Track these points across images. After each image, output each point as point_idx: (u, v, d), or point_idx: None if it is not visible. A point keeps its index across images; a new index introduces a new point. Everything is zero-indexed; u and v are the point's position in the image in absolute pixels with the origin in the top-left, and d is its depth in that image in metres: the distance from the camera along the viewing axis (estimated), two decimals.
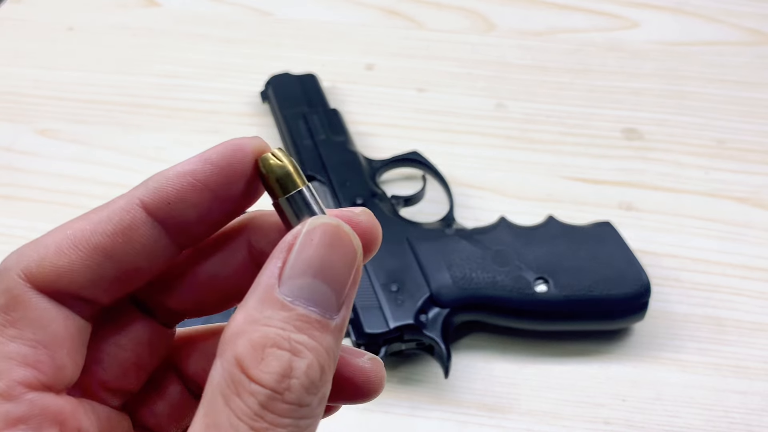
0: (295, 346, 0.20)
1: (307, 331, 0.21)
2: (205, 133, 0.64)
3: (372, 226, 0.24)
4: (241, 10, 0.78)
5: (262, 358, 0.20)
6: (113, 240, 0.22)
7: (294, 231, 0.22)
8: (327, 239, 0.22)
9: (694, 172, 0.61)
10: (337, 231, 0.22)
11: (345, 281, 0.22)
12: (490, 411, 0.46)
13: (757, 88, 0.68)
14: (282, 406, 0.20)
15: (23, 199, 0.59)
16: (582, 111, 0.66)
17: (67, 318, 0.22)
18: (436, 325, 0.46)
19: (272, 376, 0.20)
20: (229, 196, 0.23)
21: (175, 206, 0.23)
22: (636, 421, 0.46)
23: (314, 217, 0.22)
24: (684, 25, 0.75)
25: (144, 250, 0.23)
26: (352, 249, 0.22)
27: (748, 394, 0.47)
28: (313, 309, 0.21)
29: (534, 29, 0.75)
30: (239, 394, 0.20)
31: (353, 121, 0.65)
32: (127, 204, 0.23)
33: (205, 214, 0.24)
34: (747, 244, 0.55)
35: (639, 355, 0.49)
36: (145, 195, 0.23)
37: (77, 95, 0.68)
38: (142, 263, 0.23)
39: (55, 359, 0.22)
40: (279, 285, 0.21)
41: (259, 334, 0.20)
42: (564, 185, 0.60)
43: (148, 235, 0.23)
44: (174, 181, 0.23)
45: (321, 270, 0.21)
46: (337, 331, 0.22)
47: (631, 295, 0.47)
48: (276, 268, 0.21)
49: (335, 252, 0.22)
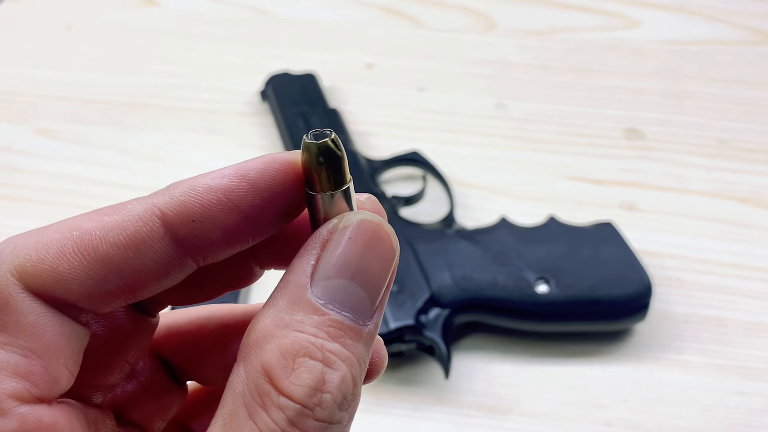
0: (328, 356, 0.18)
1: (340, 339, 0.19)
2: (205, 133, 0.64)
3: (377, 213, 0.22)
4: (241, 10, 0.78)
5: (293, 369, 0.18)
6: (124, 253, 0.20)
7: (329, 225, 0.20)
8: (366, 238, 0.20)
9: (696, 172, 0.60)
10: (377, 229, 0.20)
11: (381, 284, 0.20)
12: (491, 412, 0.46)
13: (759, 88, 0.68)
14: (312, 423, 0.18)
15: (21, 199, 0.59)
16: (583, 111, 0.66)
17: (63, 325, 0.20)
18: (436, 326, 0.46)
19: (303, 389, 0.18)
20: (261, 219, 0.21)
21: (199, 225, 0.20)
22: (637, 422, 0.46)
23: (352, 212, 0.20)
24: (686, 25, 0.75)
25: (155, 267, 0.20)
26: (392, 249, 0.20)
27: (750, 394, 0.47)
28: (347, 314, 0.19)
29: (535, 28, 0.75)
30: (266, 407, 0.18)
31: (353, 121, 0.64)
32: (145, 214, 0.20)
33: (231, 235, 0.21)
34: (749, 245, 0.55)
35: (640, 355, 0.49)
36: (166, 206, 0.20)
37: (76, 95, 0.68)
38: (150, 280, 0.21)
39: (49, 370, 0.20)
40: (311, 285, 0.19)
41: (289, 340, 0.18)
42: (565, 185, 0.60)
43: (162, 251, 0.20)
44: (202, 196, 0.20)
45: (358, 271, 0.19)
46: (369, 339, 0.20)
47: (632, 296, 0.47)
48: (308, 266, 0.19)
49: (374, 252, 0.20)
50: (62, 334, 0.20)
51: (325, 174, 0.20)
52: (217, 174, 0.20)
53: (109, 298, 0.20)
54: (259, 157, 0.21)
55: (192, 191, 0.20)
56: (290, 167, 0.21)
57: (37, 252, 0.20)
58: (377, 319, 0.20)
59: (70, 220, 0.20)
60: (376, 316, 0.20)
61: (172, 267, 0.21)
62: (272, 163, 0.20)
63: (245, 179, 0.20)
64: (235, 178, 0.20)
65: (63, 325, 0.20)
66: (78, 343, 0.21)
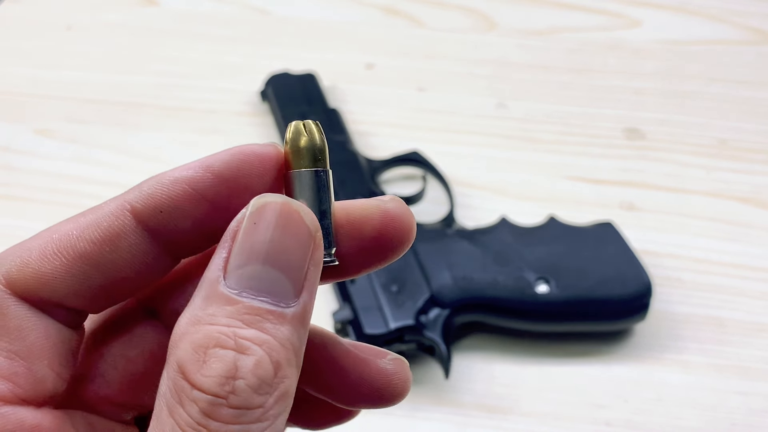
0: (241, 343, 0.18)
1: (257, 324, 0.19)
2: (204, 133, 0.64)
3: (401, 214, 0.22)
4: (240, 9, 0.77)
5: (204, 361, 0.18)
6: (100, 248, 0.21)
7: (238, 217, 0.20)
8: (273, 219, 0.19)
9: (696, 171, 0.60)
10: (283, 208, 0.20)
11: (300, 264, 0.20)
12: (491, 412, 0.46)
13: (759, 88, 0.68)
14: (226, 411, 0.18)
15: (21, 198, 0.59)
16: (583, 110, 0.66)
17: (48, 327, 0.21)
18: (436, 326, 0.46)
19: (213, 379, 0.18)
20: (230, 208, 0.21)
21: (167, 215, 0.21)
22: (637, 422, 0.46)
23: (257, 196, 0.20)
24: (686, 24, 0.75)
25: (133, 260, 0.21)
26: (304, 226, 0.20)
27: (750, 394, 0.47)
28: (264, 299, 0.19)
29: (535, 28, 0.75)
30: (182, 402, 0.18)
31: (353, 121, 0.64)
32: (117, 209, 0.21)
33: (202, 225, 0.21)
34: (749, 244, 0.55)
35: (640, 355, 0.49)
36: (136, 200, 0.21)
37: (75, 94, 0.68)
38: (130, 273, 0.21)
39: (33, 371, 0.20)
40: (224, 278, 0.19)
41: (200, 334, 0.19)
42: (565, 185, 0.60)
43: (137, 244, 0.21)
44: (168, 188, 0.21)
45: (270, 254, 0.19)
46: (296, 320, 0.19)
47: (632, 296, 0.47)
48: (221, 260, 0.19)
49: (285, 232, 0.19)
50: (47, 336, 0.21)
51: (299, 153, 0.21)
52: (183, 167, 0.21)
53: (95, 295, 0.21)
54: (227, 149, 0.21)
55: (159, 184, 0.21)
56: (257, 158, 0.21)
57: (21, 257, 0.21)
58: (305, 299, 0.20)
59: (52, 227, 0.21)
60: (303, 296, 0.20)
61: (149, 260, 0.21)
62: (238, 154, 0.21)
63: (210, 170, 0.21)
64: (200, 170, 0.21)
65: (48, 327, 0.21)
66: (65, 345, 0.21)
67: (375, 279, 0.47)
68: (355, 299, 0.46)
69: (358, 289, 0.47)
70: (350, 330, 0.46)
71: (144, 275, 0.22)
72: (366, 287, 0.47)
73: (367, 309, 0.46)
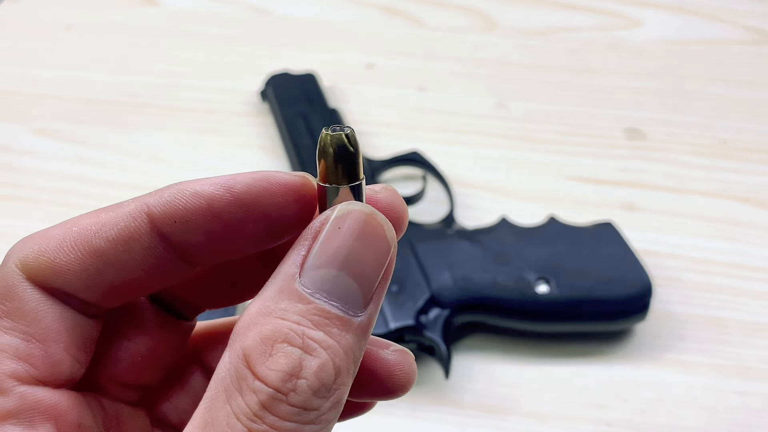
0: (309, 343, 0.19)
1: (325, 328, 0.19)
2: (204, 133, 0.64)
3: (393, 203, 0.22)
4: (240, 10, 0.78)
5: (270, 354, 0.18)
6: (114, 246, 0.21)
7: (322, 217, 0.20)
8: (357, 228, 0.20)
9: (696, 171, 0.60)
10: (369, 220, 0.20)
11: (374, 276, 0.20)
12: (491, 412, 0.46)
13: (759, 88, 0.68)
14: (285, 408, 0.18)
15: (21, 198, 0.59)
16: (583, 110, 0.66)
17: (63, 313, 0.21)
18: (436, 326, 0.46)
19: (278, 374, 0.18)
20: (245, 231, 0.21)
21: (181, 226, 0.21)
22: (638, 422, 0.46)
23: (345, 203, 0.20)
24: (686, 24, 0.75)
25: (146, 262, 0.21)
26: (385, 241, 0.20)
27: (750, 394, 0.47)
28: (335, 304, 0.19)
29: (535, 28, 0.75)
30: (241, 391, 0.18)
31: (353, 121, 0.64)
32: (135, 210, 0.21)
33: (215, 240, 0.21)
34: (749, 245, 0.55)
35: (641, 355, 0.49)
36: (154, 205, 0.21)
37: (75, 94, 0.68)
38: (142, 274, 0.22)
39: (50, 354, 0.21)
40: (300, 275, 0.19)
41: (270, 327, 0.19)
42: (565, 185, 0.60)
43: (151, 247, 0.21)
44: (187, 200, 0.21)
45: (348, 262, 0.20)
46: (361, 330, 0.20)
47: (632, 296, 0.47)
48: (299, 257, 0.20)
49: (365, 243, 0.20)
50: (62, 321, 0.21)
51: (335, 166, 0.20)
52: (206, 181, 0.21)
53: (107, 291, 0.22)
54: (251, 172, 0.21)
55: (179, 194, 0.21)
56: (280, 188, 0.21)
57: (39, 245, 0.21)
58: (371, 311, 0.20)
59: (74, 218, 0.22)
60: (370, 308, 0.20)
61: (162, 264, 0.22)
62: (261, 180, 0.21)
63: (230, 191, 0.21)
64: (221, 188, 0.21)
65: (63, 313, 0.21)
66: (81, 332, 0.22)
67: None
68: None
69: None
70: None
71: (156, 277, 0.22)
72: None
73: None
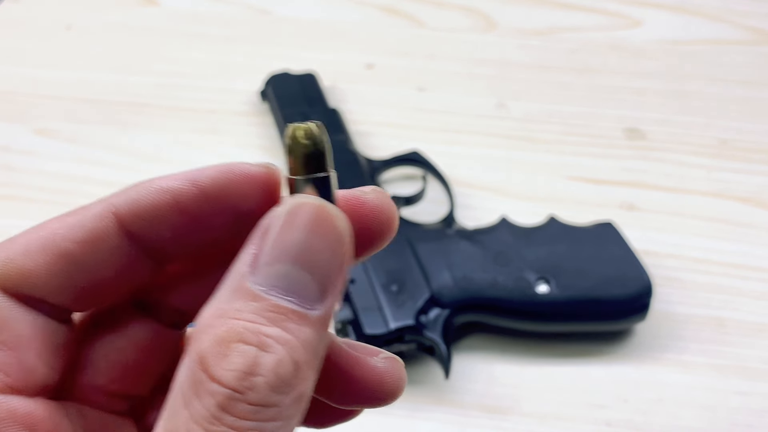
0: (264, 340, 0.18)
1: (281, 323, 0.19)
2: (205, 133, 0.64)
3: (380, 205, 0.22)
4: (240, 9, 0.78)
5: (226, 355, 0.18)
6: (82, 248, 0.21)
7: (271, 213, 0.20)
8: (308, 221, 0.19)
9: (697, 172, 0.60)
10: (320, 212, 0.20)
11: (330, 268, 0.20)
12: (491, 412, 0.46)
13: (759, 88, 0.68)
14: (243, 407, 0.18)
15: (21, 198, 0.59)
16: (583, 110, 0.66)
17: (34, 319, 0.21)
18: (436, 326, 0.46)
19: (234, 373, 0.18)
20: (213, 224, 0.21)
21: (148, 223, 0.21)
22: (638, 422, 0.46)
23: (294, 196, 0.20)
24: (686, 24, 0.75)
25: (114, 262, 0.21)
26: (337, 232, 0.20)
27: (750, 394, 0.47)
28: (290, 299, 0.19)
29: (535, 28, 0.75)
30: (198, 395, 0.18)
31: (353, 121, 0.64)
32: (102, 211, 0.21)
33: (183, 236, 0.22)
34: (749, 245, 0.55)
35: (641, 355, 0.49)
36: (120, 204, 0.21)
37: (75, 94, 0.68)
38: (111, 275, 0.22)
39: (22, 361, 0.21)
40: (252, 273, 0.19)
41: (225, 328, 0.18)
42: (565, 185, 0.60)
43: (118, 247, 0.21)
44: (152, 196, 0.21)
45: (300, 255, 0.19)
46: (319, 323, 0.19)
47: (632, 296, 0.47)
48: (250, 255, 0.19)
49: (318, 236, 0.19)
50: (33, 327, 0.21)
51: (302, 159, 0.20)
52: (171, 176, 0.21)
53: (79, 294, 0.21)
54: (215, 165, 0.22)
55: (145, 191, 0.21)
56: (245, 178, 0.21)
57: (6, 252, 0.21)
58: (330, 303, 0.20)
59: (42, 223, 0.22)
60: (328, 300, 0.20)
61: (132, 264, 0.22)
62: (226, 172, 0.21)
63: (195, 184, 0.21)
64: (187, 182, 0.21)
65: (34, 319, 0.21)
66: (53, 338, 0.21)
67: (375, 279, 0.47)
68: (355, 299, 0.46)
69: (358, 289, 0.47)
70: (350, 330, 0.46)
71: (126, 278, 0.22)
72: (366, 287, 0.47)
73: (367, 309, 0.46)
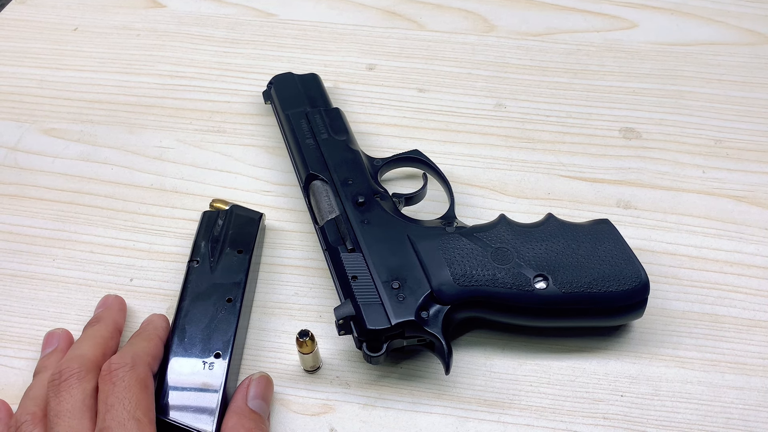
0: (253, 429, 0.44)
1: (260, 425, 0.44)
2: (209, 133, 0.65)
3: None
4: (245, 12, 0.78)
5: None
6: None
7: (248, 378, 0.46)
8: (264, 381, 0.46)
9: (692, 171, 0.61)
10: (268, 378, 0.47)
11: (269, 398, 0.47)
12: (491, 406, 0.47)
13: (754, 88, 0.68)
14: None
15: (29, 198, 0.60)
16: (581, 111, 0.67)
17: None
18: (436, 322, 0.46)
19: None
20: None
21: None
22: (634, 416, 0.46)
23: (254, 374, 0.47)
24: (682, 26, 0.76)
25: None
26: (272, 386, 0.47)
27: (746, 389, 0.47)
28: (261, 413, 0.45)
29: (533, 30, 0.76)
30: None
31: (355, 121, 0.65)
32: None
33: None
34: (744, 242, 0.56)
35: (637, 351, 0.49)
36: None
37: (82, 95, 0.69)
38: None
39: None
40: (247, 401, 0.45)
41: (236, 425, 0.43)
42: (563, 184, 0.60)
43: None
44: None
45: (262, 395, 0.46)
46: (268, 420, 0.46)
47: (629, 293, 0.47)
48: (244, 391, 0.45)
49: (267, 387, 0.46)
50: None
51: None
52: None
53: None
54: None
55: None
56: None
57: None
58: (268, 411, 0.46)
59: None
60: (268, 409, 0.46)
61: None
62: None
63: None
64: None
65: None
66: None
67: (376, 276, 0.48)
68: (357, 295, 0.47)
69: (360, 286, 0.47)
70: (352, 325, 0.47)
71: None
72: (368, 283, 0.47)
73: (368, 305, 0.46)
